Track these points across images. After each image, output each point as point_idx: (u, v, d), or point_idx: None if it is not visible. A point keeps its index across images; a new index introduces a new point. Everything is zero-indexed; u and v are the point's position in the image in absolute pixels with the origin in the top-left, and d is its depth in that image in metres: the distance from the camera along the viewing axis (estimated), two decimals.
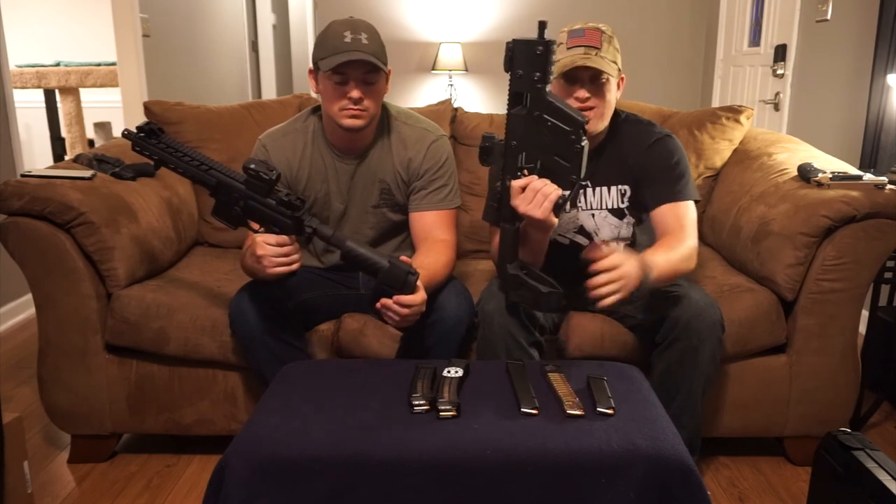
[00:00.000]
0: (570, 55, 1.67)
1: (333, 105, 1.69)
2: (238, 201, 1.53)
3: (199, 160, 1.55)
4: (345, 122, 1.69)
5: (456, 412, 1.27)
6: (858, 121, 2.86)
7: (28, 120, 4.56)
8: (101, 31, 4.50)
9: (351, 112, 1.68)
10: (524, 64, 1.45)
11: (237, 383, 1.91)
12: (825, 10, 3.14)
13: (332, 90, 1.68)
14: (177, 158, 1.55)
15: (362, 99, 1.67)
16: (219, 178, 1.53)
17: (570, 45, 1.68)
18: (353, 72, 1.65)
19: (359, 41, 1.64)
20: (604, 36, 1.69)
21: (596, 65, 1.65)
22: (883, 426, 2.20)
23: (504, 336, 1.65)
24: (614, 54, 1.70)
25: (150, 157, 1.57)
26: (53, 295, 1.85)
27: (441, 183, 1.83)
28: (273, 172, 1.51)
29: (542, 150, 1.48)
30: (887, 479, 1.34)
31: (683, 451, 1.21)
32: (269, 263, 1.54)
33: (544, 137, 1.47)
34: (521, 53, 1.45)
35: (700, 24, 4.99)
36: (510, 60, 1.46)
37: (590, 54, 1.66)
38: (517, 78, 1.46)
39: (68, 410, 1.93)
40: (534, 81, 1.45)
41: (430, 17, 5.20)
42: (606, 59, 1.67)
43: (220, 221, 1.56)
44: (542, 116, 1.46)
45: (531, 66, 1.44)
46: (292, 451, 1.20)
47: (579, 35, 1.68)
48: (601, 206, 1.83)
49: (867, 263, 1.82)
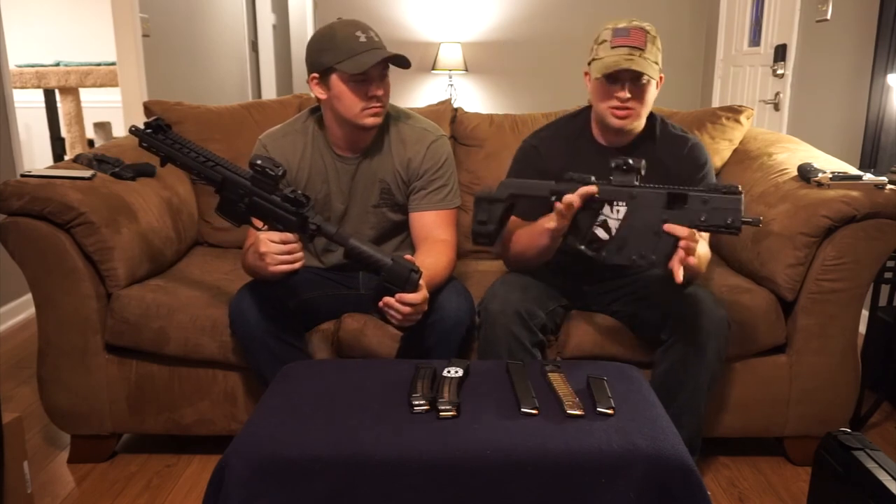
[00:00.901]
0: (613, 55, 1.65)
1: (354, 106, 1.69)
2: (243, 198, 1.53)
3: (205, 156, 1.55)
4: (367, 122, 1.71)
5: (456, 412, 1.27)
6: (858, 121, 2.86)
7: (28, 120, 4.56)
8: (101, 31, 4.49)
9: (374, 110, 1.70)
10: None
11: (237, 383, 1.91)
12: (825, 10, 3.14)
13: (352, 91, 1.68)
14: (184, 155, 1.55)
15: (383, 94, 1.70)
16: (225, 174, 1.54)
17: (615, 43, 1.66)
18: (374, 70, 1.66)
19: (373, 39, 1.67)
20: (648, 36, 1.67)
21: (640, 68, 1.63)
22: (883, 426, 2.20)
23: (506, 336, 1.65)
24: (656, 55, 1.68)
25: (157, 153, 1.57)
26: (53, 295, 1.85)
27: (441, 183, 1.83)
28: (279, 168, 1.51)
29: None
30: (887, 479, 1.34)
31: (683, 451, 1.21)
32: (271, 261, 1.54)
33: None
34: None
35: (700, 24, 4.99)
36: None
37: (634, 55, 1.63)
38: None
39: (68, 410, 1.93)
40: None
41: (430, 17, 5.20)
42: (649, 61, 1.65)
43: (224, 218, 1.56)
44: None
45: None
46: (292, 451, 1.20)
47: (624, 34, 1.65)
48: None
49: (867, 263, 1.82)
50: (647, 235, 1.45)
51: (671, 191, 1.45)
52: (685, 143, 1.82)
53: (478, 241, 1.65)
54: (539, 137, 1.87)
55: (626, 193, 1.48)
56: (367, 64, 1.63)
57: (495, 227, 1.61)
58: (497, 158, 2.29)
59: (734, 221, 1.39)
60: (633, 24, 1.68)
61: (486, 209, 1.61)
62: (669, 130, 1.83)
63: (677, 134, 1.83)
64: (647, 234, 1.45)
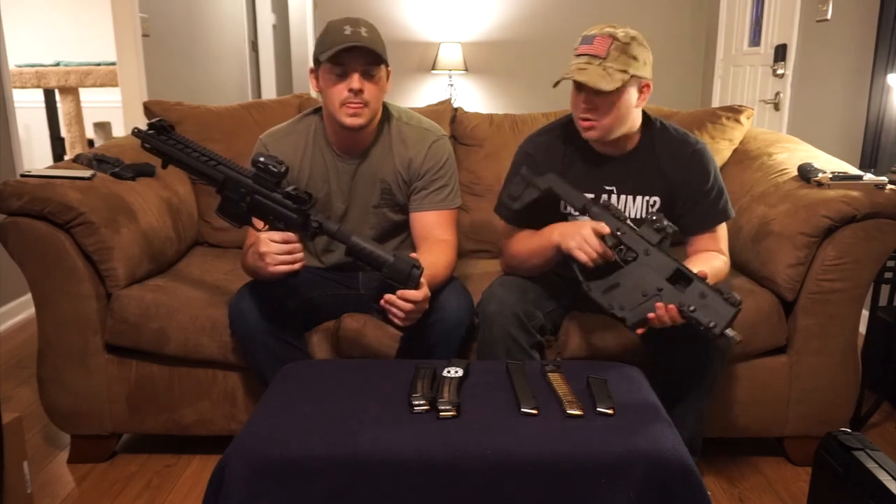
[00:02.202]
0: (574, 63, 1.61)
1: (334, 99, 1.68)
2: (244, 197, 1.53)
3: (207, 156, 1.55)
4: (346, 122, 1.69)
5: (456, 412, 1.27)
6: (858, 121, 2.86)
7: (28, 120, 4.55)
8: (101, 31, 4.49)
9: (352, 109, 1.67)
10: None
11: (237, 383, 1.91)
12: (825, 9, 3.14)
13: (332, 83, 1.67)
14: (186, 155, 1.55)
15: (362, 91, 1.66)
16: (227, 172, 1.54)
17: (578, 51, 1.62)
18: (352, 63, 1.65)
19: (358, 33, 1.64)
20: (615, 44, 1.58)
21: (584, 78, 1.56)
22: (883, 426, 2.20)
23: (504, 338, 1.65)
24: (626, 62, 1.58)
25: (160, 155, 1.57)
26: (53, 295, 1.85)
27: (442, 183, 1.83)
28: (282, 166, 1.52)
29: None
30: (887, 479, 1.34)
31: (683, 452, 1.21)
32: (271, 261, 1.53)
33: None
34: None
35: (700, 24, 4.99)
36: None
37: (590, 64, 1.58)
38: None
39: (68, 410, 1.93)
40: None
41: (430, 17, 5.20)
42: (610, 69, 1.57)
43: (224, 219, 1.56)
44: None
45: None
46: (292, 451, 1.20)
47: (588, 42, 1.61)
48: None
49: (867, 263, 1.82)
50: (636, 293, 1.48)
51: (680, 268, 1.48)
52: (687, 147, 1.74)
53: (498, 211, 1.80)
54: (535, 143, 1.82)
55: (642, 247, 1.51)
56: (333, 51, 1.61)
57: (519, 206, 1.71)
58: (497, 158, 2.29)
59: (715, 327, 1.40)
60: (605, 30, 1.60)
61: (522, 189, 1.70)
62: (670, 135, 1.76)
63: (678, 138, 1.76)
64: (636, 291, 1.48)
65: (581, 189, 1.69)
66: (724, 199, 1.76)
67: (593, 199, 1.66)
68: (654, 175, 1.74)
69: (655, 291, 1.46)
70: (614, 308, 1.48)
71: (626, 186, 1.75)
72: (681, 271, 1.47)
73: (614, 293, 1.49)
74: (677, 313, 1.44)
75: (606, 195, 1.75)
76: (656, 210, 1.75)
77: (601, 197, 1.74)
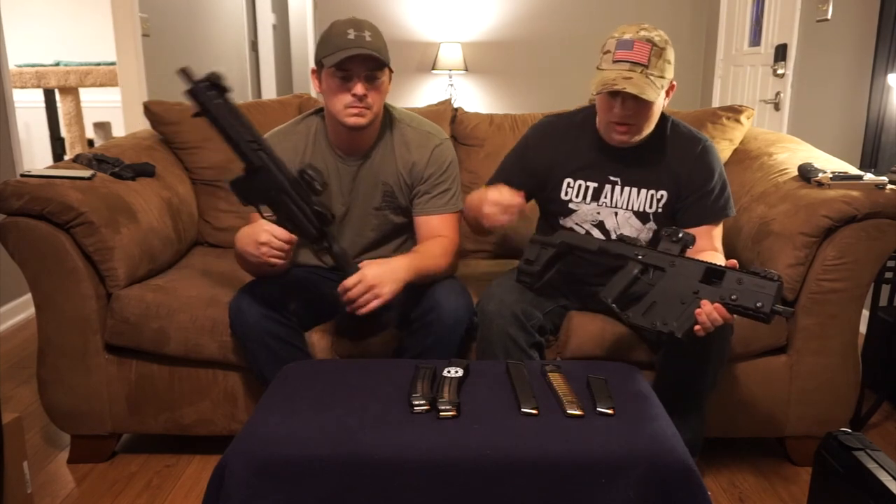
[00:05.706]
0: (614, 70, 1.59)
1: (337, 103, 1.69)
2: (269, 190, 1.54)
3: (252, 135, 1.50)
4: (348, 121, 1.70)
5: (456, 412, 1.27)
6: (859, 121, 2.86)
7: (28, 120, 4.55)
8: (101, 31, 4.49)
9: (355, 110, 1.68)
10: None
11: (237, 383, 1.91)
12: (825, 9, 3.14)
13: (336, 87, 1.68)
14: (230, 123, 1.47)
15: (366, 96, 1.67)
16: (266, 162, 1.52)
17: (617, 57, 1.59)
18: (356, 68, 1.65)
19: (362, 38, 1.65)
20: (654, 49, 1.58)
21: (636, 89, 1.56)
22: (883, 426, 2.20)
23: (503, 337, 1.65)
24: (663, 68, 1.60)
25: (204, 112, 1.46)
26: (53, 295, 1.85)
27: (445, 187, 1.83)
28: (324, 186, 1.58)
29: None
30: (888, 479, 1.34)
31: (684, 452, 1.21)
32: (267, 252, 1.59)
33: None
34: None
35: (700, 24, 4.99)
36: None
37: (634, 73, 1.57)
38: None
39: (68, 410, 1.93)
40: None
41: (430, 17, 5.20)
42: (652, 77, 1.58)
43: (234, 193, 1.55)
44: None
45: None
46: (292, 451, 1.20)
47: (626, 47, 1.58)
48: (627, 206, 1.78)
49: (867, 263, 1.82)
50: (675, 303, 1.46)
51: (710, 265, 1.47)
52: (696, 143, 1.76)
53: (521, 279, 1.74)
54: (547, 123, 1.87)
55: (667, 261, 1.52)
56: (338, 58, 1.62)
57: (540, 269, 1.70)
58: (497, 158, 2.26)
59: (763, 306, 1.37)
60: (641, 34, 1.59)
61: (537, 251, 1.72)
62: (681, 131, 1.78)
63: (689, 134, 1.78)
64: (674, 301, 1.46)
65: (585, 178, 1.74)
66: (726, 198, 1.77)
67: (606, 239, 1.70)
68: (661, 169, 1.76)
69: (692, 295, 1.45)
70: (657, 325, 1.46)
71: (631, 178, 1.77)
72: (711, 268, 1.46)
73: (654, 311, 1.48)
74: (723, 309, 1.41)
75: (610, 185, 1.77)
76: (663, 204, 1.77)
77: (605, 192, 1.77)
